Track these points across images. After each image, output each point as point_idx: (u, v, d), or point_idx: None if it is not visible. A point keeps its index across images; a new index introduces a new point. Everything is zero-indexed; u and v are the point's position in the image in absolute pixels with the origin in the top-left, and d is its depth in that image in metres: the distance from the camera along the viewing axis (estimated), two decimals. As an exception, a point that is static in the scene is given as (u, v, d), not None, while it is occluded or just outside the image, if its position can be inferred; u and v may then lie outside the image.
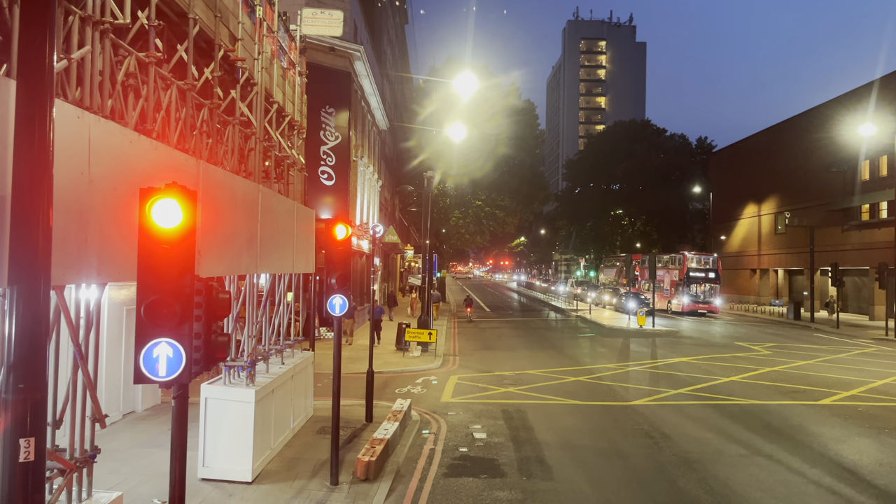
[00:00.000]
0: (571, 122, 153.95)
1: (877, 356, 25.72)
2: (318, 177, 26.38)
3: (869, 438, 13.09)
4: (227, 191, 8.83)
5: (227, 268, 8.82)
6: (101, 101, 6.82)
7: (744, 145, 62.81)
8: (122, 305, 12.90)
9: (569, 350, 26.16)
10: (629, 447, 12.26)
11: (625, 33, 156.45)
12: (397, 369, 20.54)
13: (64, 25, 6.29)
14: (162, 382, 4.49)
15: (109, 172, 5.88)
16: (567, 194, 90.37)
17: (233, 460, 9.69)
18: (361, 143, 32.42)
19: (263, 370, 11.27)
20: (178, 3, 8.65)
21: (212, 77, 9.97)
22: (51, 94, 3.73)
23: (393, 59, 52.29)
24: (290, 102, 14.91)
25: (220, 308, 4.80)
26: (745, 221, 61.58)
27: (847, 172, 45.66)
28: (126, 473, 9.76)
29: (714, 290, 46.69)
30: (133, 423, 12.75)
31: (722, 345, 28.94)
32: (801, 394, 17.50)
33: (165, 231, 4.40)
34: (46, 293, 3.73)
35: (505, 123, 50.76)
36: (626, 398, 16.68)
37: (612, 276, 66.36)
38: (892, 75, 42.42)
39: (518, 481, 10.26)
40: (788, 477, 10.66)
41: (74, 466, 6.08)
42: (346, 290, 9.92)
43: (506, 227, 60.44)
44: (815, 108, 50.90)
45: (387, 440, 10.93)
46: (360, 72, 29.82)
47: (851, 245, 45.81)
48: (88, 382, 6.27)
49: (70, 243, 5.31)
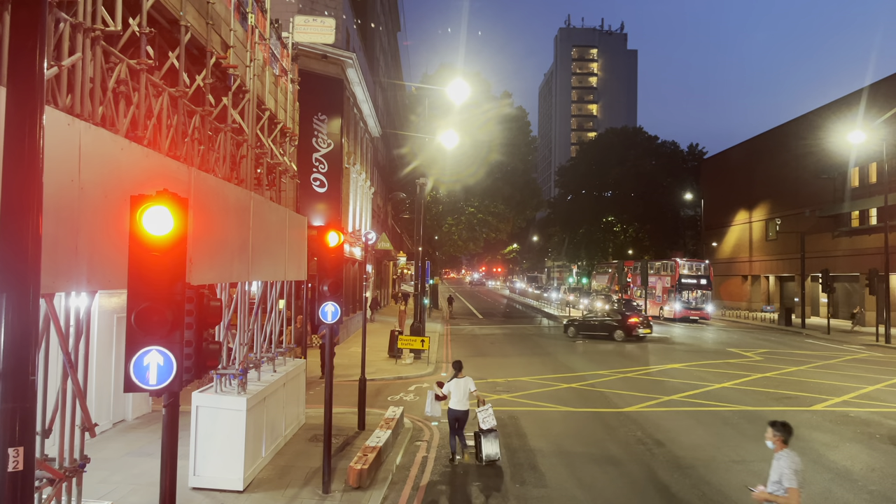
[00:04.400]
0: (563, 129, 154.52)
1: (868, 362, 25.84)
2: (311, 184, 26.36)
3: (860, 444, 13.13)
4: (218, 198, 8.81)
5: (219, 275, 8.79)
6: (92, 108, 6.80)
7: (735, 152, 63.17)
8: (113, 313, 12.82)
9: (561, 357, 26.16)
10: (622, 454, 12.25)
11: (616, 41, 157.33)
12: (390, 377, 20.49)
13: (55, 32, 6.27)
14: (152, 391, 4.46)
15: (100, 180, 5.86)
16: (559, 201, 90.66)
17: (224, 469, 9.63)
18: (354, 151, 32.42)
19: (255, 378, 11.23)
20: (169, 11, 8.65)
21: (203, 84, 9.95)
22: (41, 101, 3.71)
23: (385, 66, 52.39)
24: (283, 109, 14.90)
25: (211, 316, 4.78)
26: (737, 228, 61.89)
27: (837, 179, 45.99)
28: (116, 483, 9.68)
29: (706, 297, 46.84)
30: (123, 431, 12.66)
31: (714, 351, 29.01)
32: (792, 400, 17.55)
33: (156, 238, 4.38)
34: (36, 301, 3.71)
35: (497, 130, 50.89)
36: (618, 405, 16.68)
37: (604, 282, 66.58)
38: (881, 83, 42.81)
39: (511, 488, 10.23)
40: (781, 483, 10.67)
41: (64, 476, 6.03)
42: (338, 298, 9.90)
43: (498, 234, 60.57)
44: (805, 116, 51.27)
45: (379, 448, 10.89)
46: (352, 79, 29.85)
47: (842, 251, 46.10)
48: (78, 391, 6.22)
49: (60, 251, 5.28)
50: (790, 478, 6.07)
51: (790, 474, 6.08)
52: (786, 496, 6.05)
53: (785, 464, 6.18)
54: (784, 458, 6.23)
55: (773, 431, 6.40)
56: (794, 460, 6.19)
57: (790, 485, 6.04)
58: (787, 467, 6.14)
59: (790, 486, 6.03)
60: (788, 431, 6.35)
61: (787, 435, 6.34)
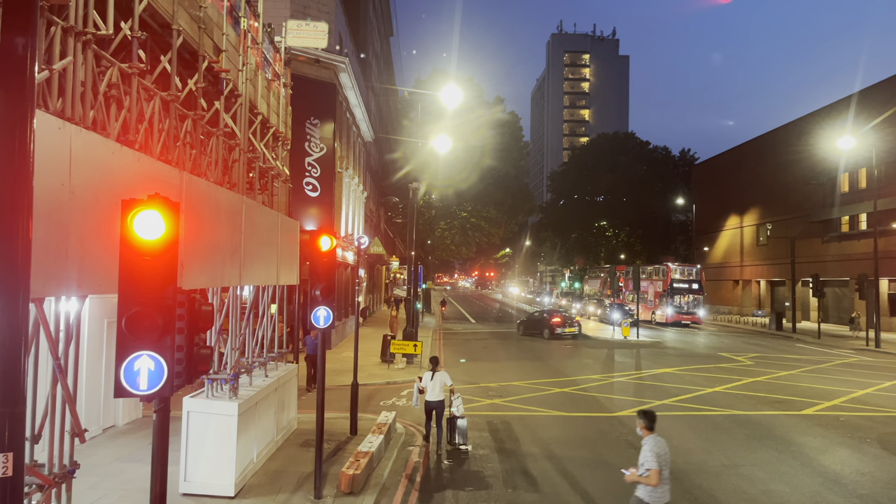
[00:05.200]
0: (556, 134, 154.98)
1: (858, 366, 25.99)
2: (303, 188, 26.31)
3: (850, 448, 13.20)
4: (210, 202, 8.79)
5: (211, 279, 8.76)
6: (83, 111, 6.77)
7: (726, 157, 63.54)
8: (103, 318, 12.74)
9: (553, 361, 26.17)
10: (614, 458, 12.26)
11: (608, 47, 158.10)
12: (382, 381, 20.45)
13: (46, 36, 6.25)
14: (143, 396, 4.43)
15: (91, 183, 5.83)
16: (552, 206, 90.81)
17: (215, 474, 9.57)
18: (346, 155, 32.40)
19: (247, 383, 11.18)
20: (161, 15, 8.64)
21: (195, 88, 9.93)
22: (32, 104, 3.70)
23: (378, 70, 52.41)
24: (275, 114, 14.89)
25: (202, 320, 4.75)
26: (728, 233, 62.19)
27: (827, 185, 46.31)
28: (106, 489, 9.61)
29: (698, 301, 47.02)
30: (113, 437, 12.57)
31: (705, 355, 29.11)
32: (783, 404, 17.62)
33: (147, 243, 4.36)
34: (25, 305, 3.68)
35: (490, 135, 50.98)
36: (610, 409, 16.70)
37: (596, 287, 66.68)
38: (870, 89, 43.19)
39: (503, 493, 10.23)
40: (772, 487, 10.71)
41: (53, 482, 5.99)
42: (330, 302, 9.88)
43: (491, 239, 60.57)
44: (796, 121, 51.63)
45: (371, 453, 10.86)
46: (345, 83, 29.85)
47: (832, 256, 46.39)
48: (68, 396, 6.18)
49: (50, 255, 5.25)
50: (651, 460, 6.92)
51: (651, 457, 6.92)
52: (647, 476, 6.92)
53: (647, 448, 7.02)
54: (648, 443, 7.09)
55: (639, 420, 7.31)
56: (655, 445, 7.03)
57: (650, 466, 6.91)
58: (648, 451, 6.98)
59: (650, 468, 6.90)
60: (652, 419, 7.23)
61: (650, 422, 7.22)
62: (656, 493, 6.92)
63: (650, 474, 6.89)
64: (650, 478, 6.89)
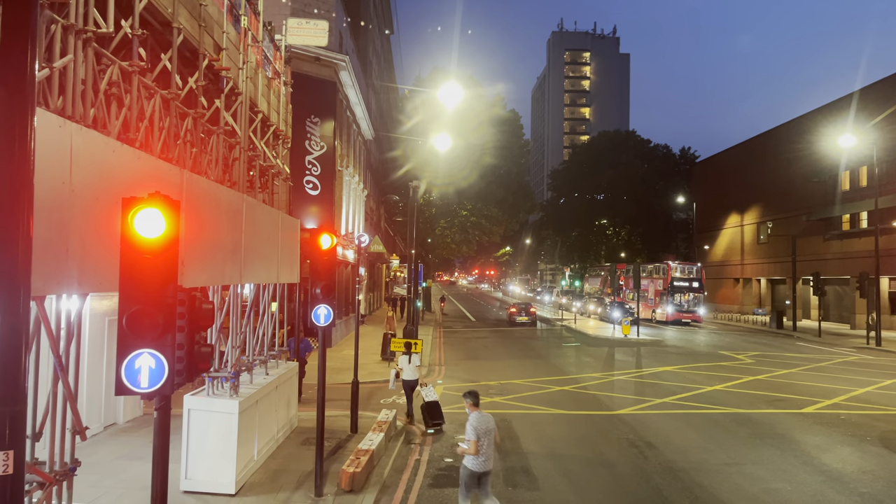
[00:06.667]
0: (556, 132, 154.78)
1: (858, 364, 25.98)
2: (304, 186, 26.30)
3: (851, 447, 13.20)
4: (210, 200, 8.78)
5: (211, 278, 8.76)
6: (84, 110, 6.77)
7: (726, 156, 63.45)
8: (104, 316, 12.75)
9: (554, 359, 26.18)
10: (614, 456, 12.27)
11: (608, 45, 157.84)
12: (382, 379, 20.44)
13: (46, 34, 6.24)
14: (144, 394, 4.43)
15: (91, 182, 5.83)
16: (552, 204, 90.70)
17: (216, 472, 9.58)
18: (347, 153, 32.39)
19: (247, 381, 11.19)
20: (161, 13, 8.63)
21: (196, 86, 9.93)
22: (32, 102, 3.69)
23: (378, 69, 52.39)
24: (275, 112, 14.88)
25: (203, 318, 4.75)
26: (728, 231, 62.15)
27: (828, 183, 46.25)
28: (107, 487, 9.62)
29: (698, 300, 46.99)
30: (114, 435, 12.59)
31: (706, 354, 29.10)
32: (784, 402, 17.62)
33: (148, 241, 4.36)
34: (26, 303, 3.68)
35: (490, 133, 50.90)
36: (611, 407, 16.71)
37: (596, 285, 66.71)
38: (871, 87, 43.12)
39: (503, 491, 10.22)
40: (773, 485, 10.72)
41: (54, 479, 5.99)
42: (331, 300, 9.88)
43: (491, 237, 60.52)
44: (797, 119, 51.55)
45: (372, 451, 10.87)
46: (345, 81, 29.83)
47: (833, 254, 46.35)
48: (69, 394, 6.19)
49: (51, 253, 5.25)
50: (470, 433, 8.21)
51: (470, 430, 8.21)
52: (468, 448, 8.18)
53: (469, 422, 8.30)
54: (471, 418, 8.35)
55: (465, 400, 8.70)
56: (475, 420, 8.29)
57: (470, 437, 8.20)
58: (469, 425, 8.27)
59: (470, 439, 8.18)
60: (475, 397, 8.67)
61: (474, 399, 8.63)
62: (477, 460, 8.22)
63: (470, 445, 8.16)
64: (470, 448, 8.15)
